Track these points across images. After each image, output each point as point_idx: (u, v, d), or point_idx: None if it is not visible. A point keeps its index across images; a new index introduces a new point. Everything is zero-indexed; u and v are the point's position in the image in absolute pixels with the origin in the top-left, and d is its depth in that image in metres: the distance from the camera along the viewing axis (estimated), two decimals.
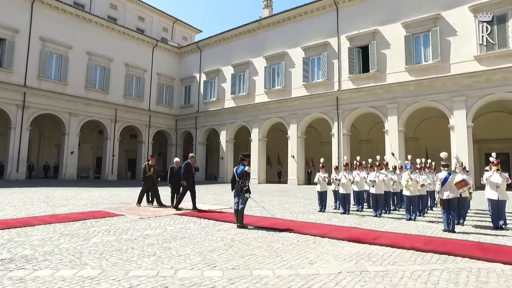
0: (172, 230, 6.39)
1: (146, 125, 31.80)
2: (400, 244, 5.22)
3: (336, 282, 3.50)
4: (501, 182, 7.04)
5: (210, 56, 32.75)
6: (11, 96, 23.06)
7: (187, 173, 9.55)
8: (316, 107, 25.75)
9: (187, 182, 9.42)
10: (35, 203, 10.21)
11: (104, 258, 4.40)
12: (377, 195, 8.76)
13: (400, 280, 3.61)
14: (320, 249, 4.99)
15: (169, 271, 3.88)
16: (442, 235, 6.24)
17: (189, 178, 9.55)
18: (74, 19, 26.85)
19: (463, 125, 19.86)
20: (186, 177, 9.48)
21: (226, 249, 4.96)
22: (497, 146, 22.98)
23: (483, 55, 19.35)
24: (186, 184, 9.40)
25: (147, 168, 10.48)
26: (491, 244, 5.46)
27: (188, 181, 9.46)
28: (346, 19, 24.84)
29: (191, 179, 9.60)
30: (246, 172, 6.62)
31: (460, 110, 20.04)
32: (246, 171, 6.62)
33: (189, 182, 9.49)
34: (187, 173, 9.54)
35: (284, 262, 4.29)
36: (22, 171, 23.63)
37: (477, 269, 4.05)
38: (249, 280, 3.59)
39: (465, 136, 19.74)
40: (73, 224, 6.79)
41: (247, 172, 6.64)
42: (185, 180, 9.42)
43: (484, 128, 23.67)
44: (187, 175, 9.53)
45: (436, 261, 4.39)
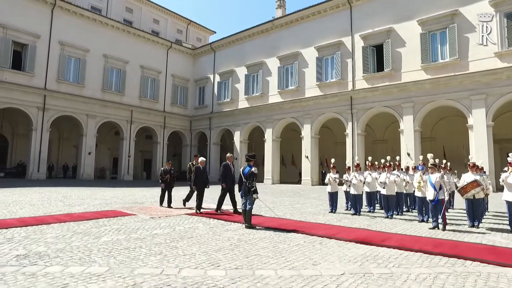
0: (180, 229, 6.48)
1: (161, 126, 32.31)
2: (408, 247, 5.13)
3: (337, 284, 3.48)
4: None
5: (223, 57, 32.98)
6: (32, 99, 23.91)
7: (226, 175, 8.98)
8: (330, 107, 25.53)
9: (226, 184, 8.89)
10: (52, 202, 10.56)
11: (112, 256, 4.52)
12: (388, 196, 8.61)
13: (404, 283, 3.55)
14: (325, 250, 4.97)
15: (173, 270, 3.95)
16: (453, 238, 6.08)
17: (228, 179, 8.98)
18: (91, 23, 27.58)
19: (482, 124, 19.26)
20: (225, 178, 8.94)
21: (232, 249, 5.00)
22: None
23: (505, 52, 18.70)
24: (225, 186, 8.88)
25: (191, 168, 10.02)
26: (506, 248, 5.29)
27: (227, 183, 8.91)
28: (360, 18, 24.53)
29: (230, 181, 9.01)
30: (253, 173, 6.64)
31: (479, 109, 19.43)
32: (253, 172, 6.65)
33: (228, 184, 8.94)
34: (226, 174, 8.98)
35: (287, 262, 4.30)
36: (43, 171, 24.45)
37: (487, 274, 3.94)
38: (250, 280, 3.61)
39: (485, 136, 19.13)
40: (86, 223, 6.99)
41: (254, 173, 6.67)
42: (224, 182, 8.91)
43: (506, 127, 22.88)
44: (227, 176, 8.97)
45: (444, 264, 4.29)
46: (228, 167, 9.11)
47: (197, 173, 9.18)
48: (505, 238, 6.21)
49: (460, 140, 22.59)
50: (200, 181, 9.19)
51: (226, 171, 9.04)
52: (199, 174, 9.24)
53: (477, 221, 7.44)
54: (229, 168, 9.11)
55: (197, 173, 9.18)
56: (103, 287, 3.36)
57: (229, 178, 9.02)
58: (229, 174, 9.05)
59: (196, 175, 9.15)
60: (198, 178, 9.19)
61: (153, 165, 32.39)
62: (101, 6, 33.95)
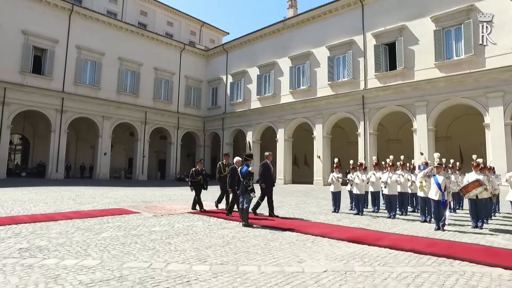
0: (179, 227, 6.66)
1: (175, 127, 32.86)
2: (401, 246, 5.09)
3: (316, 280, 3.53)
4: None
5: (236, 57, 33.23)
6: (51, 101, 24.86)
7: (266, 175, 8.25)
8: (342, 106, 25.32)
9: (266, 185, 8.15)
10: (64, 201, 10.99)
11: (107, 250, 4.72)
12: (390, 196, 8.53)
13: (383, 280, 3.56)
14: (315, 249, 5.01)
15: (161, 264, 4.10)
16: (452, 238, 5.99)
17: (268, 180, 8.26)
18: (107, 27, 28.39)
19: (499, 123, 18.65)
20: (265, 179, 8.19)
21: (223, 246, 5.12)
22: None
23: None
24: (265, 187, 8.13)
25: (222, 167, 9.35)
26: (501, 249, 5.17)
27: (267, 184, 8.20)
28: (371, 16, 24.22)
29: (270, 182, 8.32)
30: (250, 172, 6.74)
31: (497, 107, 18.83)
32: (250, 171, 6.74)
33: (269, 185, 8.25)
34: (265, 174, 8.25)
35: (274, 259, 4.38)
36: (61, 171, 25.36)
37: (471, 273, 3.89)
38: (232, 275, 3.72)
39: (503, 135, 18.52)
40: (91, 220, 7.28)
41: (251, 172, 6.76)
42: (263, 183, 8.16)
43: None
44: (266, 177, 8.23)
45: (431, 264, 4.26)
46: (267, 167, 8.38)
47: (233, 174, 8.01)
48: (506, 239, 6.06)
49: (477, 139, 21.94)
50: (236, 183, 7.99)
51: (265, 171, 8.29)
52: (235, 175, 8.03)
53: (481, 222, 7.26)
54: (268, 167, 8.39)
55: (233, 174, 8.01)
56: (91, 278, 3.55)
57: (269, 178, 8.30)
58: (268, 175, 8.32)
59: (232, 177, 8.01)
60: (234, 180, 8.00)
61: (167, 165, 32.98)
62: (117, 10, 34.86)
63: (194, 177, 9.37)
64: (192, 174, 9.42)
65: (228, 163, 9.52)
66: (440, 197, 6.77)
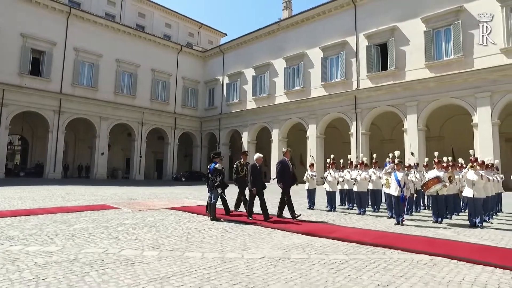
0: (150, 220, 7.03)
1: (172, 127, 33.31)
2: (348, 238, 5.40)
3: (248, 265, 3.88)
4: (476, 180, 6.91)
5: (232, 59, 33.64)
6: (49, 103, 25.41)
7: (284, 173, 7.65)
8: (335, 106, 25.61)
9: (284, 184, 7.57)
10: (53, 198, 11.40)
11: (72, 239, 5.10)
12: (360, 193, 8.84)
13: (311, 266, 3.89)
14: (267, 240, 5.35)
15: (116, 250, 4.47)
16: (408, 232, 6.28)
17: (287, 179, 7.65)
18: (104, 29, 28.93)
19: (487, 122, 18.87)
20: (283, 177, 7.62)
21: (181, 236, 5.48)
22: None
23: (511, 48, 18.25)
24: (283, 187, 7.56)
25: (239, 168, 8.63)
26: (441, 239, 5.48)
27: (286, 183, 7.60)
28: (364, 17, 24.51)
29: (289, 181, 7.71)
30: (217, 169, 7.10)
31: (484, 107, 19.06)
32: (217, 168, 7.11)
33: (287, 184, 7.65)
34: (283, 172, 7.65)
35: (221, 248, 4.72)
36: (58, 171, 25.90)
37: (396, 259, 4.21)
38: (175, 259, 4.08)
39: (490, 134, 18.73)
40: (70, 214, 7.66)
41: (218, 169, 7.12)
42: (281, 182, 7.60)
43: None
44: (284, 175, 7.64)
45: (365, 252, 4.57)
46: (285, 164, 7.76)
47: (255, 174, 7.42)
48: (456, 232, 6.35)
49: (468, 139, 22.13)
50: (258, 182, 7.48)
51: (283, 168, 7.70)
52: (257, 174, 7.50)
53: (441, 217, 7.55)
54: (287, 165, 7.77)
55: (255, 174, 7.42)
56: (47, 260, 3.91)
57: (287, 177, 7.67)
58: (287, 173, 7.71)
59: (254, 176, 7.39)
60: (256, 180, 7.42)
61: (164, 165, 33.45)
62: (115, 13, 35.42)
63: (239, 172, 8.40)
64: (237, 169, 8.42)
65: (246, 162, 8.78)
66: (399, 193, 7.08)
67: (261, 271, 3.66)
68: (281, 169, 7.70)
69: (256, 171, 7.46)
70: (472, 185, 6.97)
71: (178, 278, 3.39)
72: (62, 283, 3.16)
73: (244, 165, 8.72)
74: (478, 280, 3.48)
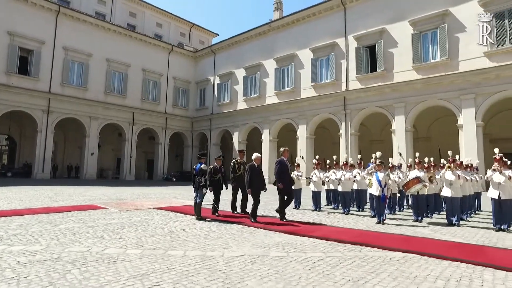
0: (136, 220, 7.12)
1: (163, 128, 33.24)
2: (328, 237, 5.57)
3: (226, 262, 4.02)
4: (454, 180, 7.16)
5: (223, 59, 33.72)
6: (37, 102, 25.15)
7: (283, 173, 7.53)
8: (324, 107, 25.89)
9: (283, 184, 7.44)
10: (40, 199, 11.36)
11: (57, 238, 5.17)
12: (344, 193, 9.05)
13: (288, 263, 4.04)
14: (249, 238, 5.50)
15: (99, 248, 4.57)
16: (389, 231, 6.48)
17: (286, 179, 7.54)
18: (94, 28, 28.75)
19: (472, 124, 19.34)
20: (281, 178, 7.49)
21: (165, 235, 5.60)
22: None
23: (494, 51, 18.73)
24: (283, 187, 7.43)
25: (236, 166, 8.53)
26: (417, 237, 5.71)
27: (285, 183, 7.47)
28: (353, 19, 24.82)
29: (288, 181, 7.62)
30: (202, 170, 7.23)
31: (469, 109, 19.51)
32: (202, 169, 7.23)
33: (286, 184, 7.53)
34: (282, 172, 7.53)
35: (203, 246, 4.86)
36: (47, 171, 25.66)
37: (370, 256, 4.39)
38: (157, 257, 4.20)
39: (474, 135, 19.19)
40: (56, 214, 7.70)
41: (203, 169, 7.25)
42: (280, 182, 7.46)
43: (501, 126, 22.83)
44: (283, 175, 7.52)
45: (342, 250, 4.75)
46: (284, 164, 7.63)
47: (252, 174, 7.22)
48: (433, 230, 6.59)
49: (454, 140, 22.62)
50: (256, 183, 7.30)
51: (282, 168, 7.58)
52: (255, 174, 7.30)
53: (421, 216, 7.80)
54: (285, 165, 7.64)
55: (252, 174, 7.22)
56: (30, 259, 3.99)
57: (286, 177, 7.58)
58: (286, 173, 7.59)
59: (251, 176, 7.21)
60: (254, 180, 7.24)
61: (155, 165, 33.37)
62: (105, 12, 35.20)
63: (213, 175, 8.27)
64: (211, 172, 8.26)
65: (243, 161, 8.65)
66: (380, 193, 7.30)
67: (239, 268, 3.80)
68: (279, 169, 7.59)
69: (253, 171, 7.26)
70: (449, 185, 7.22)
71: (157, 274, 3.51)
72: (43, 281, 3.26)
73: (241, 163, 8.55)
74: (443, 274, 3.68)
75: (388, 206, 9.16)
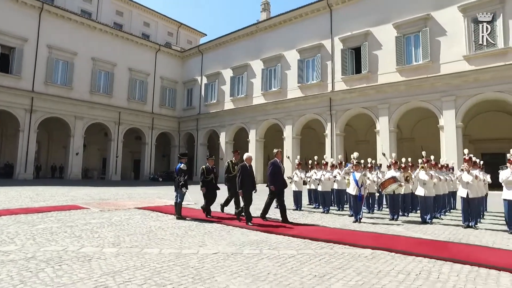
0: (116, 220, 7.15)
1: (149, 127, 33.02)
2: (303, 235, 5.74)
3: (200, 259, 4.13)
4: (427, 179, 7.43)
5: (210, 59, 33.71)
6: (19, 101, 24.66)
7: (276, 175, 7.48)
8: (311, 108, 26.17)
9: (276, 186, 7.38)
10: (20, 199, 11.20)
11: (33, 238, 5.18)
12: (324, 193, 9.25)
13: (259, 260, 4.17)
14: (225, 236, 5.62)
15: (76, 247, 4.61)
16: (356, 228, 6.69)
17: (279, 181, 7.47)
18: (80, 27, 28.36)
19: (452, 125, 19.88)
20: (274, 179, 7.44)
21: (143, 234, 5.67)
22: (494, 145, 22.85)
23: (472, 55, 19.32)
24: (275, 189, 7.37)
25: (231, 167, 8.40)
26: (389, 235, 5.93)
27: (277, 185, 7.41)
28: (339, 21, 25.17)
29: (281, 183, 7.51)
30: (181, 169, 7.32)
31: (450, 110, 20.06)
32: (181, 168, 7.32)
33: (279, 186, 7.44)
34: (275, 174, 7.48)
35: (180, 244, 4.95)
36: (30, 172, 25.18)
37: (341, 253, 4.56)
38: (133, 255, 4.28)
39: (454, 136, 19.74)
40: (35, 215, 7.65)
41: (182, 169, 7.34)
42: (272, 184, 7.40)
43: (481, 128, 23.55)
44: (276, 177, 7.46)
45: (314, 248, 4.91)
46: (277, 166, 7.60)
47: (244, 174, 7.12)
48: (406, 228, 6.84)
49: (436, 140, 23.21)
50: (247, 183, 7.14)
51: (275, 170, 7.53)
52: (246, 175, 7.19)
53: (397, 215, 8.05)
54: (278, 166, 7.61)
55: (244, 174, 7.12)
56: (3, 259, 4.01)
57: (279, 179, 7.52)
58: (279, 174, 7.54)
59: (243, 176, 7.10)
60: (245, 180, 7.10)
61: (142, 165, 33.12)
62: (92, 10, 34.75)
63: (206, 176, 8.08)
64: (203, 173, 8.10)
65: (238, 161, 8.51)
66: (357, 192, 7.52)
67: (211, 264, 3.92)
68: (272, 171, 7.52)
69: (245, 172, 7.14)
70: (423, 184, 7.49)
71: (130, 271, 3.60)
72: (14, 279, 3.30)
73: (235, 164, 8.46)
74: (405, 269, 3.87)
75: (367, 205, 9.44)
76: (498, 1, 18.70)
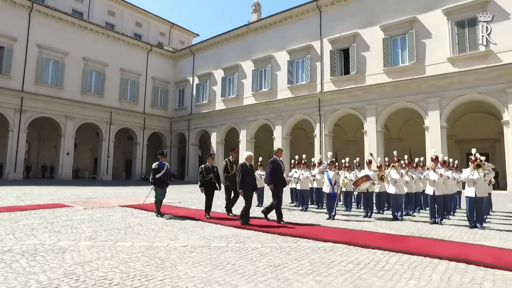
0: (97, 217, 7.39)
1: (141, 127, 33.14)
2: (273, 230, 6.04)
3: (168, 252, 4.40)
4: (398, 178, 7.77)
5: (202, 60, 33.93)
6: (9, 101, 24.65)
7: (275, 174, 7.30)
8: (300, 108, 26.51)
9: (276, 185, 7.23)
10: (5, 198, 11.31)
11: (13, 234, 5.41)
12: (302, 191, 9.57)
13: (223, 252, 4.46)
14: (198, 231, 5.89)
15: (53, 241, 4.86)
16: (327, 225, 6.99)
17: (279, 180, 7.32)
18: (70, 26, 28.40)
19: (437, 125, 20.34)
20: (274, 178, 7.27)
21: (121, 229, 5.92)
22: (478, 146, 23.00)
23: (456, 57, 19.80)
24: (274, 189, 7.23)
25: (229, 165, 8.26)
26: (354, 230, 6.26)
27: (277, 185, 7.26)
28: (328, 23, 25.55)
29: (281, 182, 7.37)
30: (153, 168, 7.68)
31: (434, 111, 20.52)
32: (153, 167, 7.68)
33: (279, 185, 7.29)
34: (275, 173, 7.29)
35: (153, 238, 5.22)
36: (20, 172, 25.20)
37: (303, 247, 4.87)
38: (106, 247, 4.54)
39: (439, 137, 20.20)
40: (20, 213, 7.84)
41: (153, 168, 7.70)
42: (272, 183, 7.25)
43: (465, 128, 24.06)
44: (275, 176, 7.29)
45: (280, 242, 5.20)
46: (277, 164, 7.41)
47: (244, 173, 6.95)
48: (375, 224, 7.16)
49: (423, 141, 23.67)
50: (248, 183, 7.03)
51: (275, 169, 7.35)
52: (247, 174, 7.03)
53: (371, 212, 8.39)
54: (278, 165, 7.41)
55: (244, 173, 6.95)
56: None
57: (279, 178, 7.34)
58: (279, 173, 7.33)
59: (243, 175, 6.93)
60: (245, 180, 6.96)
61: (133, 165, 33.23)
62: (83, 10, 34.78)
63: (204, 175, 7.89)
64: (202, 172, 7.91)
65: (235, 159, 8.41)
66: (330, 190, 7.84)
67: (177, 256, 4.20)
68: (272, 169, 7.34)
69: (245, 170, 6.99)
70: (394, 183, 7.83)
71: (100, 261, 3.86)
72: None
73: (233, 162, 8.30)
74: (357, 259, 4.18)
75: (345, 203, 9.78)
76: (479, 6, 19.21)
